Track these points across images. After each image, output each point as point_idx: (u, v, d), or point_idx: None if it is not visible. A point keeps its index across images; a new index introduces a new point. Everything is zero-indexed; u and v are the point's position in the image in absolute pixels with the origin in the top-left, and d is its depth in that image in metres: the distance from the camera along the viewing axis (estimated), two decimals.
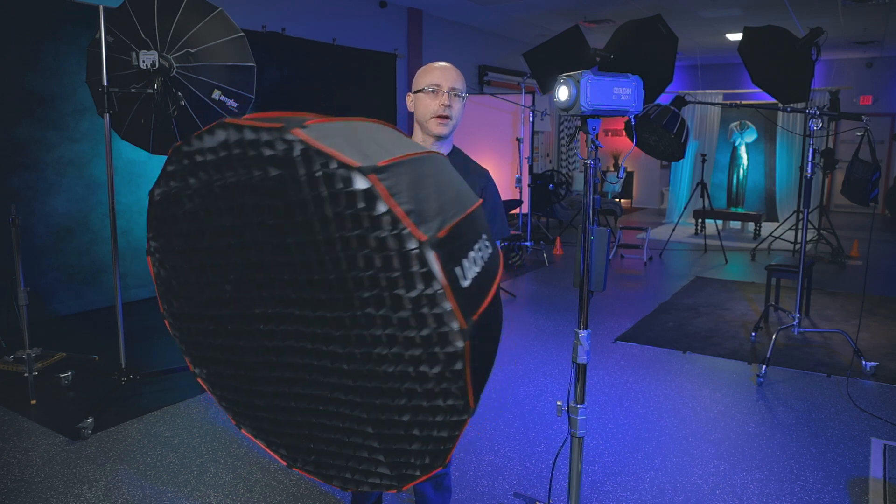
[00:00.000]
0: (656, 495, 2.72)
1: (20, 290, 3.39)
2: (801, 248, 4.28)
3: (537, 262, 7.65)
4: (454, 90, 1.86)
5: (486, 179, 1.98)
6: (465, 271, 0.98)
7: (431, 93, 1.86)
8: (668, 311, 5.53)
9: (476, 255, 1.02)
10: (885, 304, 5.71)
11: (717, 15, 8.55)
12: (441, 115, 1.86)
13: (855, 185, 6.31)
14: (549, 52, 6.43)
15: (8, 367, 3.93)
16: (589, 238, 1.80)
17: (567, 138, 12.32)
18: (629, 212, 12.87)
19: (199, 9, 3.47)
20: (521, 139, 8.32)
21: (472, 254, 1.01)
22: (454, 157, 1.97)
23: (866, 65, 12.12)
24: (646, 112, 6.53)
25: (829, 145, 9.24)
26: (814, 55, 5.64)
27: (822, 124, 3.97)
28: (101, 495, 2.70)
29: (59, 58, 4.97)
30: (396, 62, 8.23)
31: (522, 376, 4.04)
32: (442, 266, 0.92)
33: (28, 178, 4.88)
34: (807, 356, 4.37)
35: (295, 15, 6.91)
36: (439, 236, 0.93)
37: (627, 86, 1.73)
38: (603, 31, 9.21)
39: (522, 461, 3.00)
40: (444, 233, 0.94)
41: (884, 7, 7.73)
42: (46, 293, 5.03)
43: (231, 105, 3.52)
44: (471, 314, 0.96)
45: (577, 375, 1.86)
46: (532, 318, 5.37)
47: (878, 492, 2.75)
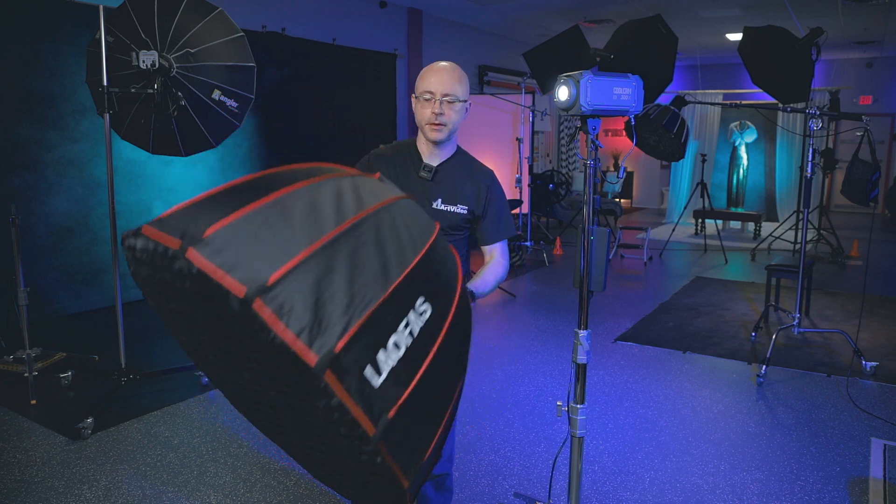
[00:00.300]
0: (656, 495, 2.72)
1: (20, 290, 3.39)
2: (801, 248, 4.28)
3: (537, 262, 7.65)
4: (448, 96, 1.84)
5: (491, 180, 1.99)
6: (381, 366, 0.94)
7: (426, 100, 1.86)
8: (668, 311, 5.53)
9: (401, 336, 0.97)
10: (885, 304, 5.71)
11: (717, 15, 8.55)
12: (433, 123, 1.85)
13: (855, 185, 6.31)
14: (549, 52, 6.43)
15: (8, 367, 3.92)
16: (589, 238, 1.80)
17: (567, 138, 12.32)
18: (629, 212, 12.87)
19: (199, 9, 3.47)
20: (521, 139, 8.32)
21: (393, 337, 0.96)
22: (457, 159, 1.97)
23: (866, 65, 12.12)
24: (646, 112, 6.53)
25: (829, 145, 9.24)
26: (814, 55, 5.64)
27: (822, 124, 3.97)
28: (101, 495, 2.70)
29: (59, 58, 4.97)
30: (396, 62, 8.24)
31: (522, 376, 4.04)
32: (338, 382, 0.88)
33: (28, 178, 4.88)
34: (807, 356, 4.37)
35: (295, 15, 6.91)
36: (336, 351, 0.88)
37: (627, 86, 1.73)
38: (603, 31, 9.21)
39: (522, 461, 3.00)
40: (345, 339, 0.90)
41: (884, 7, 7.73)
42: (46, 293, 5.03)
43: (231, 105, 3.52)
44: (386, 411, 0.93)
45: (577, 375, 1.86)
46: (532, 318, 5.37)
47: (878, 492, 2.75)
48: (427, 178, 1.92)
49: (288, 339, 0.86)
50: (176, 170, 5.85)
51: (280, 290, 0.88)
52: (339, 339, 0.89)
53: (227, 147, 6.16)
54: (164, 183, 5.78)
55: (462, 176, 1.95)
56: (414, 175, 1.94)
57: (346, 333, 0.90)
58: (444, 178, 1.94)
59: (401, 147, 2.00)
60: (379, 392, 0.93)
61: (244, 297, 0.85)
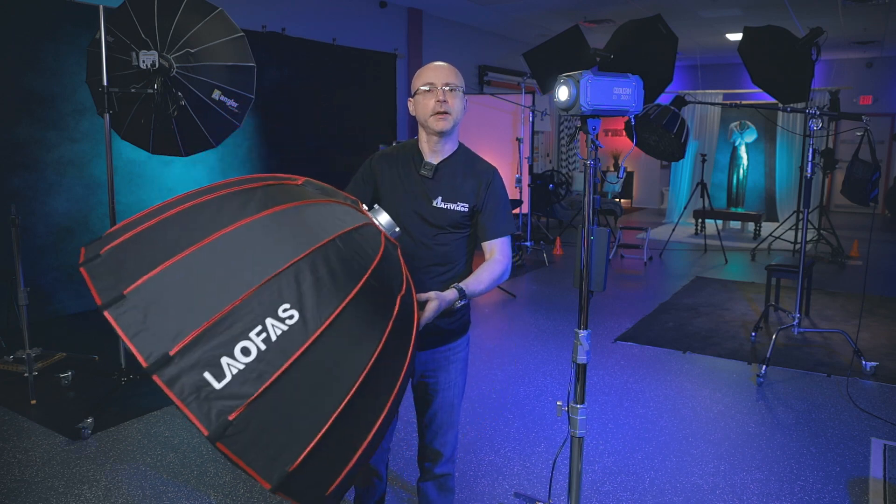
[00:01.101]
0: (656, 495, 2.72)
1: (20, 290, 3.39)
2: (801, 248, 4.28)
3: (537, 262, 7.65)
4: (448, 85, 1.87)
5: (492, 175, 1.98)
6: (225, 369, 1.03)
7: (427, 92, 1.88)
8: (668, 311, 5.53)
9: (252, 342, 1.05)
10: (885, 304, 5.71)
11: (717, 15, 8.55)
12: (439, 112, 1.87)
13: (855, 185, 6.31)
14: (549, 52, 6.43)
15: (8, 367, 3.92)
16: (589, 238, 1.80)
17: (567, 138, 12.32)
18: (629, 212, 12.87)
19: (199, 9, 3.47)
20: (521, 139, 8.32)
21: (241, 343, 1.05)
22: (459, 157, 1.98)
23: (866, 65, 12.12)
24: (646, 112, 6.53)
25: (829, 145, 9.24)
26: (814, 55, 5.64)
27: (822, 124, 3.97)
28: (101, 495, 2.70)
29: (59, 58, 4.97)
30: (396, 62, 8.24)
31: (522, 376, 4.04)
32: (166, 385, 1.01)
33: (28, 178, 4.88)
34: (807, 356, 4.37)
35: (295, 15, 6.91)
36: (170, 354, 1.02)
37: (627, 86, 1.73)
38: (603, 31, 9.21)
39: (522, 461, 3.00)
40: (178, 348, 1.02)
41: (884, 7, 7.73)
42: (46, 293, 5.03)
43: (231, 105, 3.52)
44: (226, 412, 1.02)
45: (577, 375, 1.86)
46: (532, 318, 5.37)
47: (878, 492, 2.75)
48: (428, 176, 1.92)
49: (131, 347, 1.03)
50: (176, 170, 5.85)
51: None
52: (173, 345, 1.02)
53: (227, 147, 6.16)
54: (164, 183, 5.78)
55: (463, 173, 1.96)
56: (415, 174, 1.95)
57: (181, 341, 1.02)
58: (445, 175, 1.94)
59: (403, 147, 2.02)
60: (219, 393, 1.02)
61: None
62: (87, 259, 1.13)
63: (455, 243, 1.96)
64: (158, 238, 1.13)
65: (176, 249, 1.09)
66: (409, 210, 1.93)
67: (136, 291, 1.05)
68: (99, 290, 1.06)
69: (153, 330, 1.03)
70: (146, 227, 1.15)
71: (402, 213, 1.92)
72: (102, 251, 1.12)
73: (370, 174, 1.99)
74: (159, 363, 1.00)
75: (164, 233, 1.14)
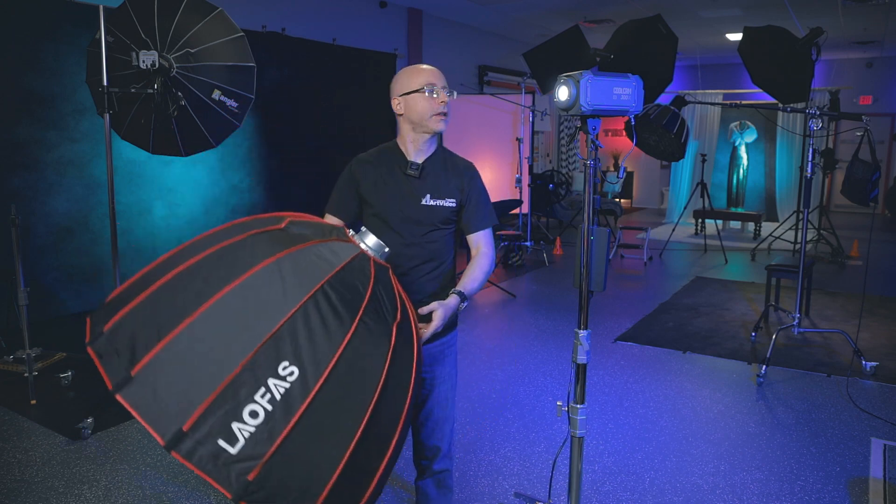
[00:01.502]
0: (656, 495, 2.72)
1: (20, 290, 3.39)
2: (801, 248, 4.28)
3: (537, 262, 7.65)
4: (445, 88, 1.96)
5: (473, 170, 2.08)
6: (238, 433, 1.08)
7: (429, 93, 1.93)
8: (668, 311, 5.53)
9: (258, 405, 1.11)
10: (885, 304, 5.71)
11: (717, 15, 8.55)
12: (441, 113, 1.94)
13: (855, 185, 6.31)
14: (549, 52, 6.43)
15: (8, 367, 3.92)
16: (589, 238, 1.80)
17: (567, 138, 12.32)
18: (629, 212, 12.87)
19: (199, 9, 3.46)
20: (521, 139, 8.32)
21: (249, 407, 1.10)
22: (440, 155, 2.05)
23: (866, 65, 12.12)
24: (646, 112, 6.53)
25: (829, 145, 9.23)
26: (814, 55, 5.64)
27: (822, 124, 3.97)
28: (101, 495, 2.70)
29: (59, 58, 4.97)
30: (396, 62, 8.23)
31: (522, 376, 4.04)
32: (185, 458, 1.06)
33: (28, 178, 4.88)
34: (807, 356, 4.37)
35: (295, 15, 6.91)
36: (184, 429, 1.07)
37: (627, 86, 1.73)
38: (603, 31, 9.20)
39: (522, 461, 3.00)
40: (190, 422, 1.07)
41: (884, 7, 7.73)
42: (46, 293, 5.02)
43: (231, 105, 3.52)
44: (245, 473, 1.08)
45: (577, 375, 1.86)
46: (532, 318, 5.37)
47: (878, 492, 2.75)
48: (415, 175, 1.98)
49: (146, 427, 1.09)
50: (176, 170, 5.85)
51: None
52: (185, 420, 1.07)
53: (227, 147, 6.15)
54: (164, 183, 5.78)
55: (446, 170, 2.03)
56: (400, 175, 2.00)
57: (194, 412, 1.07)
58: (430, 173, 2.01)
59: (383, 151, 2.06)
60: (236, 457, 1.08)
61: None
62: (93, 337, 1.19)
63: (443, 239, 2.03)
64: (155, 308, 1.18)
65: (174, 320, 1.15)
66: (397, 211, 1.97)
67: (143, 370, 1.10)
68: (108, 373, 1.12)
69: (164, 407, 1.09)
70: (143, 297, 1.20)
71: (391, 215, 1.97)
72: (106, 328, 1.17)
73: (353, 181, 2.02)
74: (175, 440, 1.06)
75: (160, 302, 1.19)
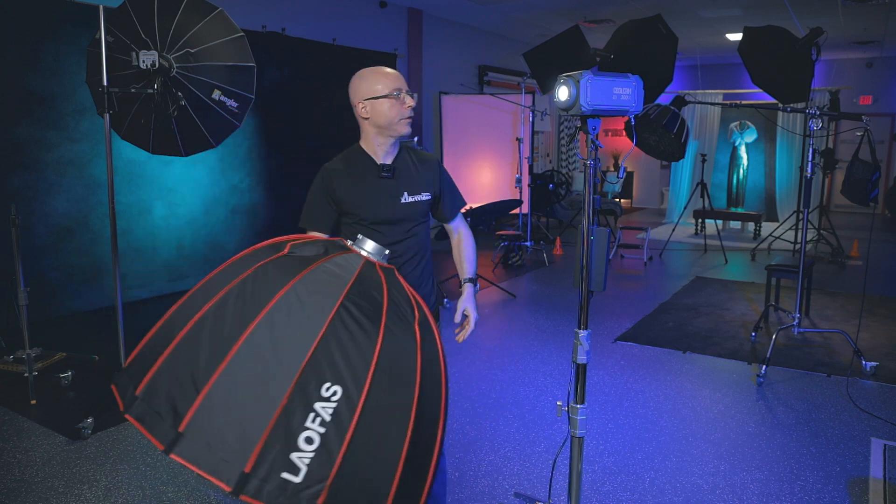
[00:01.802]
0: (656, 495, 2.72)
1: (20, 290, 3.39)
2: (801, 248, 4.28)
3: (537, 262, 7.65)
4: (409, 91, 2.03)
5: (438, 162, 2.19)
6: (297, 463, 1.10)
7: (395, 98, 1.97)
8: (668, 311, 5.53)
9: (312, 430, 1.12)
10: (885, 304, 5.71)
11: (717, 15, 8.55)
12: (408, 117, 2.01)
13: (855, 185, 6.31)
14: (549, 52, 6.43)
15: (8, 367, 3.92)
16: (589, 238, 1.80)
17: (567, 138, 12.32)
18: (629, 212, 12.87)
19: (199, 9, 3.46)
20: (521, 139, 8.32)
21: (304, 434, 1.11)
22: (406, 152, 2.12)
23: (866, 65, 12.12)
24: (646, 112, 6.53)
25: (829, 145, 9.23)
26: (814, 55, 5.64)
27: (822, 124, 3.97)
28: (101, 495, 2.70)
29: (59, 58, 4.97)
30: (396, 62, 8.23)
31: (522, 376, 4.04)
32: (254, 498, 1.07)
33: (28, 178, 4.88)
34: (807, 356, 4.37)
35: (295, 15, 6.91)
36: (245, 471, 1.08)
37: (627, 86, 1.73)
38: (603, 31, 9.21)
39: (522, 461, 3.00)
40: (251, 463, 1.08)
41: (884, 7, 7.73)
42: (46, 293, 5.02)
43: (231, 105, 3.52)
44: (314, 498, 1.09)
45: (577, 375, 1.86)
46: (532, 318, 5.37)
47: (878, 492, 2.75)
48: (389, 176, 2.02)
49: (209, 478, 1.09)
50: (176, 170, 5.85)
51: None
52: (246, 462, 1.08)
53: (227, 147, 6.16)
54: (164, 183, 5.79)
55: (415, 166, 2.09)
56: (374, 178, 2.03)
57: (252, 453, 1.08)
58: (402, 172, 2.06)
59: (349, 158, 2.08)
60: (302, 485, 1.09)
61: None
62: (127, 404, 1.19)
63: (424, 232, 2.12)
64: (183, 362, 1.18)
65: (208, 369, 1.15)
66: (379, 214, 2.00)
67: (190, 425, 1.11)
68: (155, 436, 1.12)
69: (221, 455, 1.09)
70: (168, 353, 1.20)
71: (373, 218, 2.00)
72: (137, 391, 1.17)
73: (327, 191, 2.03)
74: (241, 483, 1.07)
75: (187, 354, 1.19)
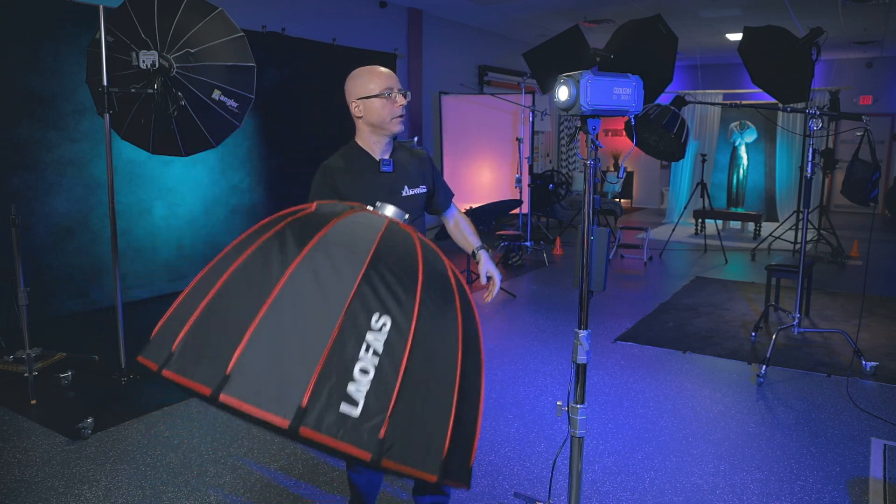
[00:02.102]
0: (656, 495, 2.73)
1: (20, 290, 3.39)
2: (801, 248, 4.28)
3: (537, 262, 7.65)
4: (401, 90, 2.07)
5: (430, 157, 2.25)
6: (355, 396, 1.06)
7: (387, 97, 2.03)
8: (668, 311, 5.53)
9: (366, 361, 1.08)
10: (885, 304, 5.71)
11: (717, 15, 8.55)
12: (400, 116, 2.07)
13: (855, 185, 6.31)
14: (549, 52, 6.43)
15: (8, 367, 3.92)
16: (589, 238, 1.80)
17: (567, 138, 12.32)
18: (629, 212, 12.87)
19: (199, 9, 3.47)
20: (521, 139, 8.32)
21: (358, 365, 1.07)
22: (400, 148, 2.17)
23: (866, 65, 12.12)
24: (646, 112, 6.53)
25: (829, 145, 9.23)
26: (814, 55, 5.64)
27: (822, 124, 3.97)
28: (101, 495, 2.70)
29: (59, 58, 4.97)
30: (396, 62, 8.23)
31: (522, 376, 4.04)
32: (315, 431, 1.02)
33: (28, 178, 4.88)
34: (807, 356, 4.37)
35: (295, 15, 6.91)
36: (302, 406, 1.03)
37: (627, 86, 1.73)
38: (603, 31, 9.21)
39: (522, 461, 3.00)
40: (307, 397, 1.03)
41: (884, 7, 7.73)
42: (46, 293, 5.02)
43: (231, 105, 3.52)
44: (376, 432, 1.05)
45: (577, 375, 1.86)
46: (532, 318, 5.37)
47: (878, 492, 2.75)
48: (390, 171, 2.08)
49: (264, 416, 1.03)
50: (176, 170, 5.85)
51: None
52: (302, 397, 1.03)
53: (227, 147, 6.16)
54: (164, 183, 5.79)
55: (410, 160, 2.16)
56: (371, 175, 2.06)
57: (308, 388, 1.03)
58: (399, 167, 2.11)
59: (348, 154, 2.11)
60: (362, 418, 1.05)
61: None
62: (163, 361, 1.12)
63: (422, 226, 2.19)
64: (222, 313, 1.14)
65: (251, 312, 1.11)
66: None
67: (238, 365, 1.07)
68: (201, 382, 1.07)
69: (274, 391, 1.05)
70: (201, 310, 1.16)
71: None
72: (173, 348, 1.12)
73: (330, 187, 2.04)
74: (299, 417, 1.03)
75: (224, 306, 1.15)
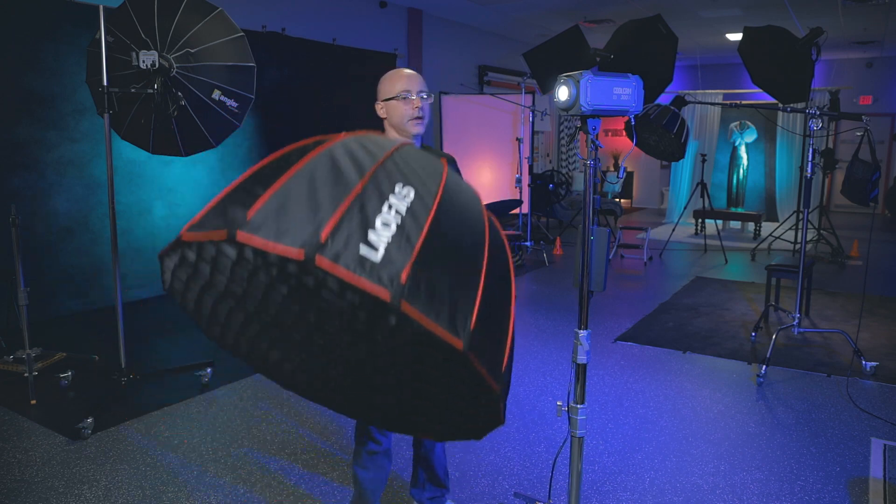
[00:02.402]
0: (656, 495, 2.73)
1: (20, 290, 3.39)
2: (801, 248, 4.28)
3: (537, 262, 7.65)
4: (421, 93, 2.09)
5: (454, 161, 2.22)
6: (375, 243, 1.03)
7: (404, 99, 2.06)
8: (668, 311, 5.53)
9: (388, 216, 1.07)
10: (885, 304, 5.71)
11: (717, 15, 8.55)
12: (417, 117, 2.09)
13: (855, 185, 6.31)
14: (549, 52, 6.43)
15: (8, 367, 3.93)
16: (589, 238, 1.80)
17: (567, 138, 12.32)
18: (629, 212, 12.87)
19: (199, 9, 3.47)
20: (521, 139, 8.32)
21: (380, 218, 1.06)
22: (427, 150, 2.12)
23: (866, 65, 12.12)
24: (646, 112, 6.53)
25: (829, 145, 9.24)
26: (814, 55, 5.64)
27: (822, 124, 3.97)
28: (101, 495, 2.70)
29: (59, 58, 4.97)
30: (396, 62, 8.23)
31: (522, 376, 4.04)
32: (333, 263, 0.99)
33: (28, 178, 4.88)
34: (807, 356, 4.37)
35: (295, 15, 6.91)
36: (322, 241, 1.00)
37: (627, 86, 1.73)
38: (603, 31, 9.21)
39: (522, 461, 3.00)
40: (326, 232, 1.00)
41: (884, 7, 7.73)
42: (46, 293, 5.02)
43: (231, 105, 3.52)
44: (397, 275, 1.01)
45: (577, 375, 1.86)
46: (532, 318, 5.37)
47: (878, 492, 2.75)
48: None
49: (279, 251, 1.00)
50: (176, 170, 5.85)
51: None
52: (321, 233, 1.01)
53: (227, 147, 6.16)
54: (164, 183, 5.79)
55: None
56: None
57: (325, 227, 1.01)
58: None
59: None
60: (383, 264, 1.02)
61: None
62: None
63: None
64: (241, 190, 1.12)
65: (274, 176, 1.11)
66: None
67: (259, 212, 1.04)
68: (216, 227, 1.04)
69: (293, 225, 1.02)
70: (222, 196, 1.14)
71: None
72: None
73: None
74: (314, 247, 0.99)
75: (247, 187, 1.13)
